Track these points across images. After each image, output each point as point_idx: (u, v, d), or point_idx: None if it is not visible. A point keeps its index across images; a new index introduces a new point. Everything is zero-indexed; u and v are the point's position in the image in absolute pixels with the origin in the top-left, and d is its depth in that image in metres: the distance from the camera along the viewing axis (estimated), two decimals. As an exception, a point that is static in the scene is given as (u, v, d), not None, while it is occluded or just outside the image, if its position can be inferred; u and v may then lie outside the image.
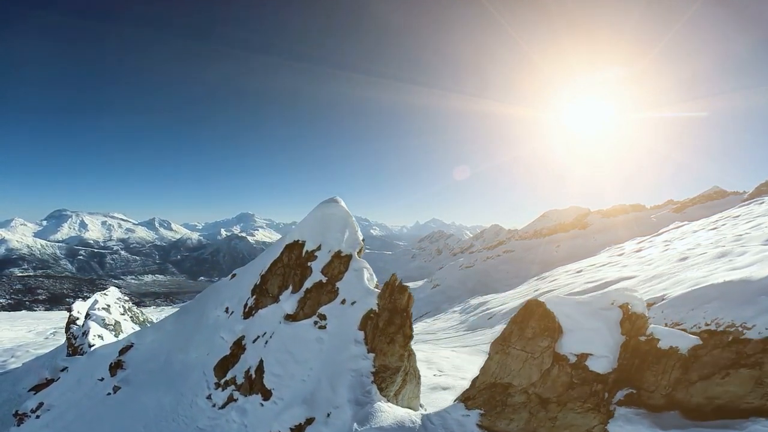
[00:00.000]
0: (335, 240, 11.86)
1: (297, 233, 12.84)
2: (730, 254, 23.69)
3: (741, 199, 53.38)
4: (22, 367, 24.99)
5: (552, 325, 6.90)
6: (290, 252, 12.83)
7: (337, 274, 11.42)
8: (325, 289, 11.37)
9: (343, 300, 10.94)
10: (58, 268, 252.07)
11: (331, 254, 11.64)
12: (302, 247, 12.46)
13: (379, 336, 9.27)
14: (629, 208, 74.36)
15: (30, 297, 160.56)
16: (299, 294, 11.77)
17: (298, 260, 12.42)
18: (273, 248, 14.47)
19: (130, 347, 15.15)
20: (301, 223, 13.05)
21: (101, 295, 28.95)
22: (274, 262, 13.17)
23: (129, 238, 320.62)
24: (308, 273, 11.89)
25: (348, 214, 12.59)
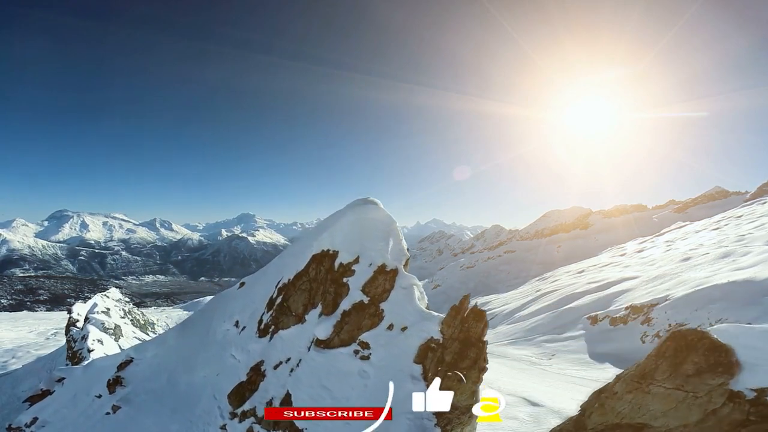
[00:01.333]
0: (377, 251, 9.89)
1: (326, 241, 10.70)
2: (734, 254, 23.59)
3: (743, 199, 53.17)
4: (22, 370, 24.89)
5: (728, 360, 5.92)
6: (319, 264, 10.76)
7: (381, 293, 9.50)
8: (367, 311, 9.40)
9: (390, 325, 9.14)
10: (59, 268, 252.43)
11: (374, 269, 9.66)
12: (334, 258, 10.34)
13: (446, 373, 7.70)
14: (631, 208, 74.16)
15: (31, 297, 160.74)
16: (334, 317, 9.77)
17: (330, 274, 10.34)
18: (291, 256, 12.59)
19: (130, 362, 14.09)
20: (331, 229, 10.87)
21: (102, 297, 28.79)
22: (297, 276, 11.07)
23: (130, 239, 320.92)
24: (344, 291, 9.82)
25: (391, 219, 10.71)
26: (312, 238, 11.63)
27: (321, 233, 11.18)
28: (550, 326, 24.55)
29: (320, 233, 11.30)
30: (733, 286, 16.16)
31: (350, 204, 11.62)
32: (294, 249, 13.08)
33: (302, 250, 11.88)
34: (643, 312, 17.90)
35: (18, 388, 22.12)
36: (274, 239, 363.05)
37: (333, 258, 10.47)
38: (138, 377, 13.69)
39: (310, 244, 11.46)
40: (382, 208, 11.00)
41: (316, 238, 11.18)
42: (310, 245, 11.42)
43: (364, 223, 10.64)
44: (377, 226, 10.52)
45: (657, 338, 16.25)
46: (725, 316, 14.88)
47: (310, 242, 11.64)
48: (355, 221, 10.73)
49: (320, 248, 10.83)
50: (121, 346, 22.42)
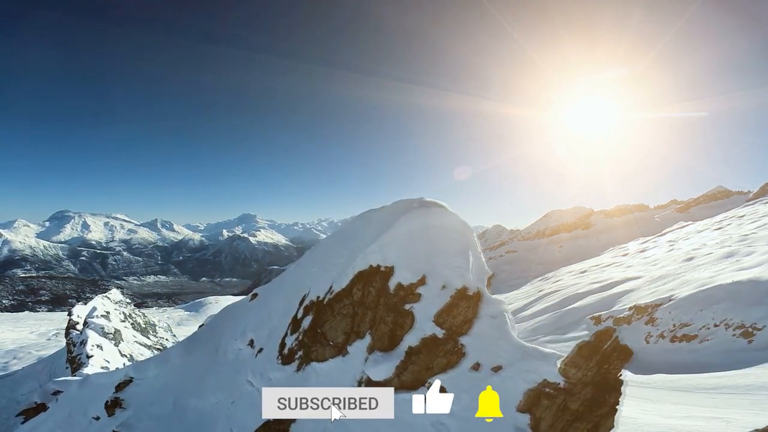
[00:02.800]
0: (453, 269, 7.74)
1: (376, 255, 8.46)
2: (737, 254, 23.48)
3: (746, 198, 53.01)
4: (22, 372, 24.82)
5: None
6: (366, 284, 8.44)
7: (461, 323, 7.43)
8: (443, 348, 7.34)
9: (475, 364, 7.08)
10: (61, 269, 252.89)
11: (450, 292, 7.53)
12: (387, 277, 8.13)
13: (573, 424, 6.13)
14: (633, 208, 74.01)
15: (33, 298, 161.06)
16: (396, 354, 7.66)
17: (383, 298, 8.13)
18: (316, 266, 10.55)
19: (129, 382, 12.94)
20: (381, 240, 8.59)
21: (102, 299, 28.62)
22: (337, 297, 8.79)
23: (131, 239, 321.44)
24: (408, 321, 7.70)
25: (467, 227, 8.47)
26: (353, 249, 9.21)
27: (365, 244, 8.80)
28: (553, 326, 24.46)
29: (362, 244, 8.97)
30: (737, 286, 16.07)
31: (399, 206, 9.27)
32: (317, 257, 10.93)
33: (331, 260, 9.79)
34: (647, 312, 17.81)
35: (17, 391, 22.02)
36: (275, 239, 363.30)
37: (386, 277, 8.20)
38: (140, 400, 12.36)
39: (350, 257, 9.12)
40: (454, 213, 8.72)
41: (362, 250, 8.71)
42: (350, 258, 9.07)
43: (430, 232, 8.32)
44: (450, 236, 8.25)
45: (661, 338, 16.17)
46: (730, 316, 14.79)
47: (345, 252, 9.43)
48: (418, 230, 8.40)
49: (367, 264, 8.50)
50: (122, 351, 22.07)
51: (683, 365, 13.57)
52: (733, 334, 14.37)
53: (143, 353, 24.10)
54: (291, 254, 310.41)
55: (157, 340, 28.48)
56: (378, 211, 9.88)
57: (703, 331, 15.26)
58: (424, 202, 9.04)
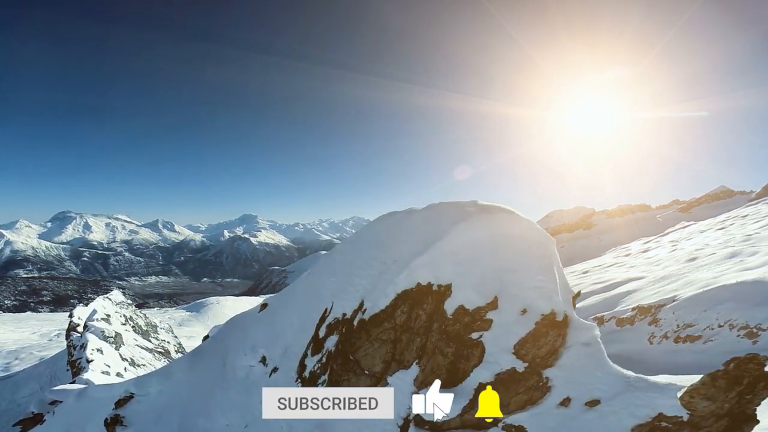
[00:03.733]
0: (536, 290, 6.36)
1: (426, 270, 6.92)
2: (741, 254, 23.35)
3: (748, 198, 52.85)
4: (23, 374, 24.77)
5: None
6: (414, 306, 6.90)
7: (546, 354, 6.16)
8: (525, 383, 6.12)
9: (564, 400, 5.91)
10: (63, 269, 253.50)
11: (534, 318, 6.23)
12: (444, 297, 6.67)
13: None
14: (635, 208, 73.88)
15: (34, 298, 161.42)
16: (461, 392, 6.32)
17: (440, 323, 6.63)
18: (337, 276, 9.18)
19: (130, 398, 12.27)
20: (432, 252, 7.01)
21: (103, 300, 28.51)
22: (373, 319, 7.23)
23: (133, 240, 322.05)
24: (476, 353, 6.31)
25: (548, 238, 7.03)
26: (386, 260, 7.75)
27: (406, 256, 7.28)
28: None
29: (400, 255, 7.49)
30: (742, 287, 15.94)
31: (447, 211, 7.75)
32: (336, 266, 9.49)
33: (357, 271, 8.36)
34: (651, 313, 17.69)
35: (18, 394, 21.96)
36: (276, 240, 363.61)
37: (441, 298, 6.74)
38: (142, 418, 11.61)
39: (383, 270, 7.67)
40: (527, 219, 7.20)
41: (405, 264, 7.14)
42: (383, 271, 7.63)
43: (499, 243, 6.79)
44: (527, 248, 6.74)
45: (665, 339, 16.07)
46: (734, 317, 14.67)
47: (375, 263, 7.99)
48: (482, 242, 6.90)
49: (414, 281, 6.97)
50: (122, 355, 21.87)
51: (687, 366, 13.47)
52: (738, 335, 14.27)
53: (144, 357, 23.91)
54: (292, 255, 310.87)
55: (158, 343, 28.36)
56: (410, 215, 8.52)
57: (707, 331, 15.15)
58: (483, 206, 7.49)
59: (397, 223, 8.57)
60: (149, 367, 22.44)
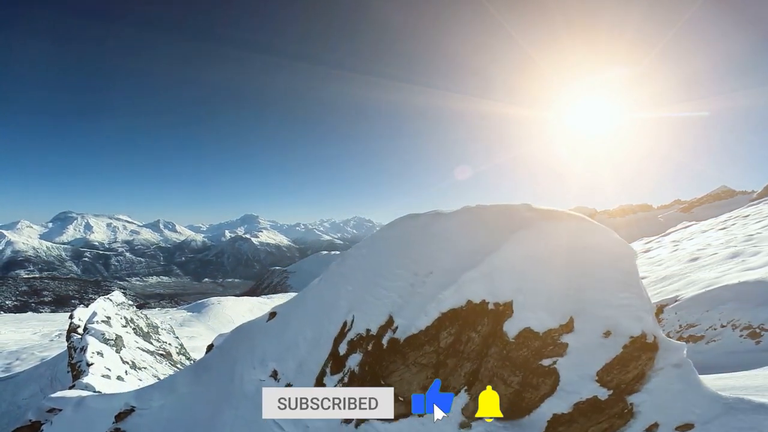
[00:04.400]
0: (621, 309, 5.55)
1: (479, 286, 5.98)
2: (743, 254, 23.28)
3: (750, 198, 52.75)
4: (23, 375, 24.77)
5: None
6: (465, 327, 5.98)
7: (632, 379, 5.45)
8: (608, 411, 5.43)
9: (652, 426, 5.32)
10: (64, 269, 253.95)
11: (621, 341, 5.48)
12: (503, 318, 5.83)
13: None
14: (636, 208, 73.86)
15: (36, 299, 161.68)
16: (532, 424, 5.69)
17: (499, 348, 5.81)
18: (349, 284, 8.47)
19: (131, 411, 11.80)
20: (487, 265, 6.01)
21: (104, 301, 28.42)
22: (411, 341, 6.24)
23: (134, 240, 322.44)
24: (550, 381, 5.52)
25: (629, 247, 6.06)
26: (417, 270, 6.78)
27: (450, 269, 6.22)
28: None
29: (439, 267, 6.49)
30: (744, 287, 15.88)
31: (495, 215, 6.74)
32: (353, 273, 8.61)
33: (381, 281, 7.41)
34: (652, 313, 17.74)
35: (18, 395, 21.95)
36: (277, 240, 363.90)
37: (499, 318, 5.86)
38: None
39: (416, 282, 6.66)
40: (603, 227, 6.21)
41: (453, 280, 6.05)
42: (416, 284, 6.64)
43: (574, 256, 5.92)
44: (606, 262, 5.81)
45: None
46: (737, 316, 14.62)
47: (403, 273, 6.99)
48: (552, 252, 6.10)
49: (464, 298, 5.97)
50: (123, 358, 21.73)
51: (689, 367, 13.46)
52: (741, 335, 14.20)
53: (145, 359, 23.79)
54: (293, 255, 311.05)
55: (160, 345, 28.25)
56: (439, 219, 7.55)
57: (709, 331, 15.10)
58: (545, 211, 6.40)
59: (424, 228, 7.56)
60: (150, 369, 22.38)
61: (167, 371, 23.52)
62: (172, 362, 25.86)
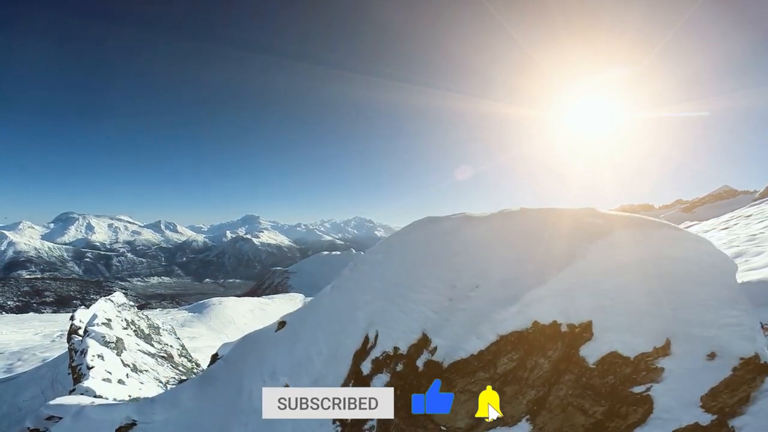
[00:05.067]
0: (727, 328, 4.88)
1: (549, 304, 5.08)
2: (746, 254, 23.21)
3: (752, 198, 52.58)
4: (25, 376, 24.72)
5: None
6: (531, 353, 5.08)
7: (737, 402, 4.88)
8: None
9: None
10: (65, 270, 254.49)
11: (729, 363, 4.84)
12: (580, 341, 5.02)
13: None
14: (638, 207, 73.63)
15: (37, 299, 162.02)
16: None
17: (576, 375, 5.00)
18: (366, 294, 7.62)
19: (132, 425, 11.39)
20: (553, 278, 5.07)
21: (105, 302, 28.35)
22: (459, 366, 5.23)
23: (135, 241, 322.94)
24: (642, 410, 4.91)
25: (728, 259, 5.31)
26: (453, 282, 5.87)
27: (523, 287, 5.14)
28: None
29: (485, 281, 5.54)
30: (748, 287, 15.76)
31: (562, 220, 5.83)
32: (371, 282, 7.80)
33: (407, 293, 6.51)
34: (654, 313, 17.69)
35: (19, 397, 21.90)
36: (278, 240, 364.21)
37: (575, 341, 5.08)
38: None
39: (457, 297, 5.66)
40: (701, 237, 5.44)
41: (515, 299, 5.07)
42: (456, 299, 5.66)
43: (667, 269, 5.05)
44: (705, 275, 5.04)
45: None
46: (739, 317, 14.64)
47: (436, 285, 6.09)
48: (640, 266, 5.08)
49: (529, 320, 5.05)
50: (124, 361, 21.57)
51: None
52: (743, 336, 14.16)
53: (147, 362, 23.68)
54: (294, 255, 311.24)
55: (161, 347, 28.15)
56: (473, 223, 6.67)
57: (712, 332, 15.04)
58: (625, 218, 5.53)
59: (452, 233, 6.62)
60: (152, 372, 22.32)
61: (169, 374, 23.47)
62: (173, 364, 25.81)
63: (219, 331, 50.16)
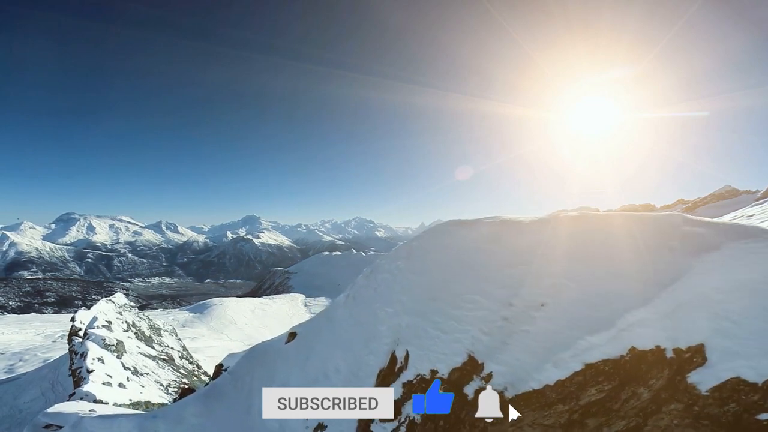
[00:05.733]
0: None
1: (653, 329, 4.24)
2: (748, 255, 23.21)
3: (754, 198, 52.44)
4: (25, 378, 24.62)
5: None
6: (627, 382, 4.25)
7: None
8: None
9: None
10: (67, 270, 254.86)
11: None
12: (688, 367, 4.13)
13: None
14: (639, 207, 73.41)
15: (39, 300, 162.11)
16: None
17: (686, 403, 4.09)
18: (389, 306, 6.91)
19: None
20: (656, 297, 4.34)
21: (105, 303, 28.25)
22: (531, 396, 4.43)
23: (136, 241, 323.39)
24: None
25: None
26: (500, 297, 5.15)
27: (620, 309, 4.43)
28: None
29: (591, 304, 4.60)
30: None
31: (648, 226, 5.10)
32: (392, 293, 6.98)
33: (445, 307, 5.71)
34: (657, 315, 17.61)
35: (20, 399, 21.76)
36: (279, 241, 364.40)
37: (684, 367, 4.37)
38: None
39: (532, 325, 4.77)
40: None
41: (610, 323, 4.40)
42: (534, 327, 4.76)
43: None
44: None
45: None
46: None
47: (482, 301, 5.34)
48: (764, 282, 4.38)
49: (626, 346, 4.41)
50: (125, 364, 21.34)
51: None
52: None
53: (147, 365, 23.50)
54: (295, 256, 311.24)
55: (162, 349, 28.00)
56: (516, 228, 6.04)
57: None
58: (718, 226, 4.87)
59: (498, 240, 5.83)
60: (153, 375, 22.24)
61: (170, 376, 23.38)
62: (174, 367, 25.72)
63: (220, 332, 50.16)
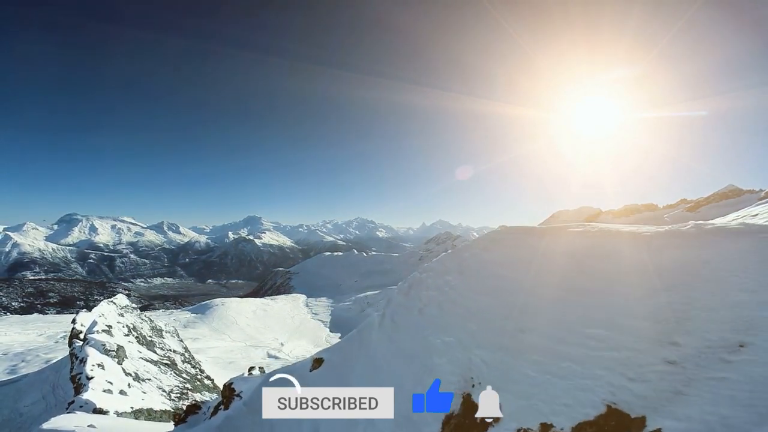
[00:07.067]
0: None
1: None
2: (752, 255, 23.08)
3: (757, 197, 52.12)
4: (27, 379, 24.41)
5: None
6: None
7: None
8: None
9: None
10: (69, 271, 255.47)
11: None
12: None
13: None
14: (642, 207, 73.05)
15: (41, 300, 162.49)
16: None
17: None
18: (447, 335, 5.54)
19: None
20: None
21: (107, 305, 27.85)
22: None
23: (138, 242, 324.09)
24: None
25: None
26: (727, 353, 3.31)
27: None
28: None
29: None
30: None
31: None
32: (446, 316, 5.84)
33: (554, 347, 4.19)
34: (661, 315, 17.46)
35: (20, 402, 21.53)
36: (280, 241, 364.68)
37: None
38: None
39: (711, 370, 3.24)
40: None
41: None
42: (711, 371, 3.24)
43: None
44: None
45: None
46: (748, 319, 14.41)
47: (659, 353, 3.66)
48: None
49: None
50: (125, 370, 20.76)
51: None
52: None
53: (149, 370, 23.03)
54: (296, 256, 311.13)
55: (164, 353, 27.57)
56: (648, 241, 4.75)
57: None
58: None
59: (607, 254, 4.73)
60: (155, 381, 21.84)
61: (172, 382, 23.06)
62: (176, 372, 25.44)
63: (222, 332, 50.17)
